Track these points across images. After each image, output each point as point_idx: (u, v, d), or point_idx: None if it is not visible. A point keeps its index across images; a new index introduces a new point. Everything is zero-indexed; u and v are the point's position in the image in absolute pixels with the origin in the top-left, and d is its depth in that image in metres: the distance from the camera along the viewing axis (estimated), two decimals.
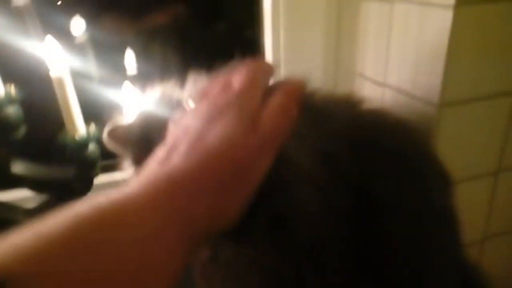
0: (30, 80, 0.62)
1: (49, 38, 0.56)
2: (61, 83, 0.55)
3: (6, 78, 0.58)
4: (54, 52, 0.55)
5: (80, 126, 0.58)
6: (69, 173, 0.60)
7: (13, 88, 0.58)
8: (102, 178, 0.72)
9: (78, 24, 0.80)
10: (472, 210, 0.65)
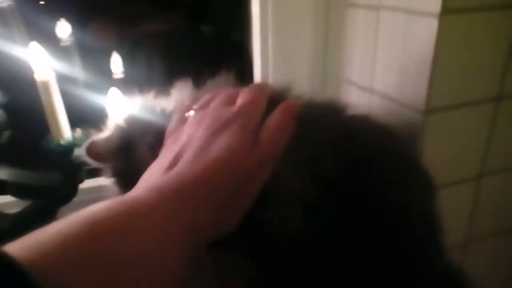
0: (14, 84, 0.61)
1: (34, 42, 0.55)
2: (46, 87, 0.54)
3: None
4: (39, 55, 0.55)
5: (65, 131, 0.57)
6: (53, 178, 0.59)
7: None
8: (88, 183, 0.71)
9: (64, 27, 0.80)
10: (455, 214, 0.66)
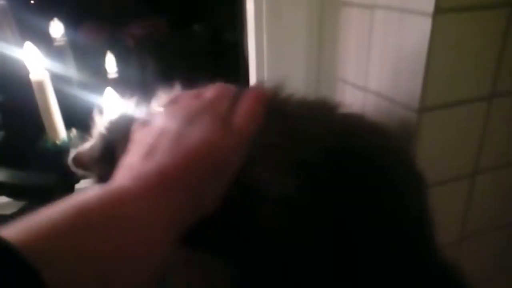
0: (8, 84, 0.60)
1: (28, 42, 0.55)
2: (41, 87, 0.54)
3: None
4: (34, 55, 0.54)
5: (61, 131, 0.57)
6: (49, 179, 0.59)
7: None
8: (83, 184, 0.71)
9: (57, 27, 0.79)
10: (450, 211, 0.67)
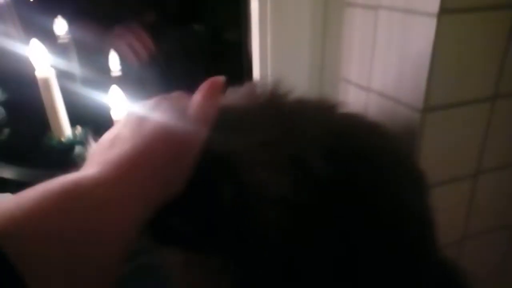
0: (14, 81, 0.60)
1: (34, 39, 0.55)
2: (47, 84, 0.54)
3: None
4: (40, 52, 0.55)
5: (66, 128, 0.57)
6: (54, 176, 0.59)
7: None
8: None
9: (61, 25, 0.79)
10: (452, 211, 0.67)
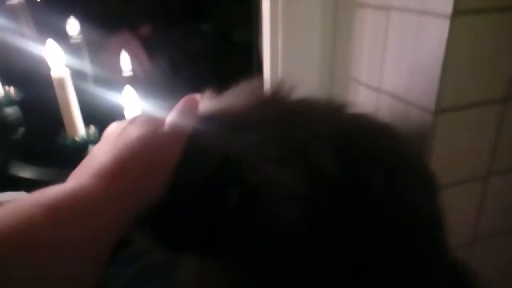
0: (29, 81, 0.61)
1: (50, 39, 0.56)
2: (62, 84, 0.55)
3: (5, 79, 0.58)
4: (55, 52, 0.55)
5: (80, 128, 0.57)
6: (67, 175, 0.59)
7: (12, 89, 0.58)
8: None
9: (73, 25, 0.80)
10: (463, 213, 0.67)
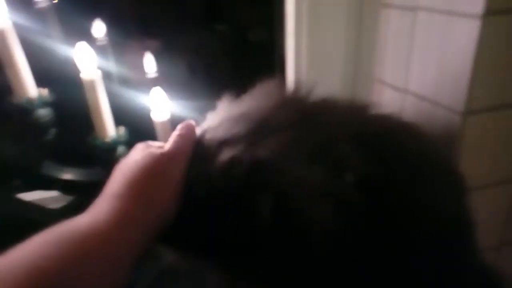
0: (60, 82, 0.62)
1: (82, 42, 0.57)
2: (92, 86, 0.56)
3: (38, 81, 0.59)
4: (86, 54, 0.56)
5: (110, 129, 0.58)
6: (98, 175, 0.61)
7: (46, 91, 0.59)
8: None
9: (99, 27, 0.82)
10: (491, 216, 0.66)
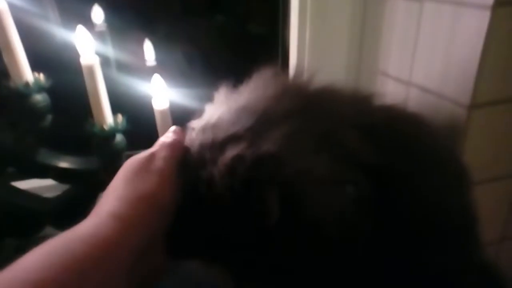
0: (57, 68, 0.61)
1: (80, 26, 0.55)
2: (91, 71, 0.54)
3: (34, 65, 0.57)
4: (85, 39, 0.55)
5: (108, 116, 0.57)
6: (94, 163, 0.59)
7: (41, 76, 0.57)
8: None
9: (98, 13, 0.80)
10: (493, 210, 0.66)
